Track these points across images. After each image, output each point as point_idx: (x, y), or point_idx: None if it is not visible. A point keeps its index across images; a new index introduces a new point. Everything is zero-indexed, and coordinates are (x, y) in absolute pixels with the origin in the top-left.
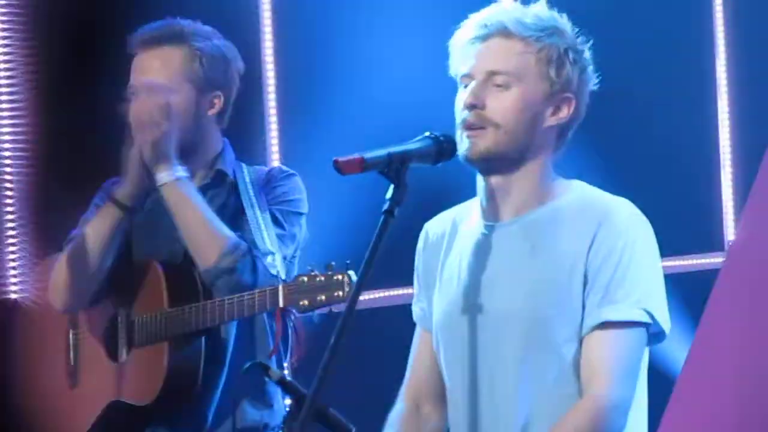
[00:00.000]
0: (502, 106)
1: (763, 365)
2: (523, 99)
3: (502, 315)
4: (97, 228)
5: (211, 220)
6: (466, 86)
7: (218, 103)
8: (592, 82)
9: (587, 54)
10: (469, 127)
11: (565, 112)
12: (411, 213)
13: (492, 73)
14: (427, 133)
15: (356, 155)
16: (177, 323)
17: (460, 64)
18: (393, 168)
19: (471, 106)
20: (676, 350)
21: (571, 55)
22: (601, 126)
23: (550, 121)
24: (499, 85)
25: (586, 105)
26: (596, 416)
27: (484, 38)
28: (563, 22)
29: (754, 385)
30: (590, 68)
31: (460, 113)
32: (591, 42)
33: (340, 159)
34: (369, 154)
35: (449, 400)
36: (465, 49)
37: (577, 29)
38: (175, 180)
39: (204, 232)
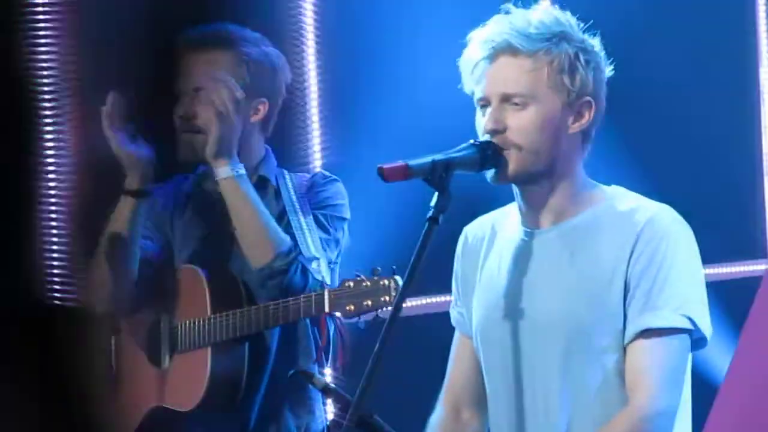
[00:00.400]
0: (521, 126)
1: None
2: (542, 116)
3: (543, 322)
4: (117, 219)
5: (269, 221)
6: (482, 107)
7: (262, 110)
8: (608, 71)
9: (597, 47)
10: None
11: (586, 117)
12: (450, 219)
13: (506, 96)
14: (471, 141)
15: (400, 162)
16: (221, 329)
17: (473, 85)
18: (437, 175)
19: (493, 132)
20: (719, 358)
21: (582, 58)
22: (641, 131)
23: (573, 128)
24: (516, 104)
25: (606, 96)
26: (641, 425)
27: (491, 58)
28: (568, 20)
29: None
30: (603, 62)
31: (482, 137)
32: (598, 33)
33: (384, 166)
34: (413, 162)
35: (490, 405)
36: (475, 70)
37: (582, 24)
38: (236, 176)
39: (261, 232)
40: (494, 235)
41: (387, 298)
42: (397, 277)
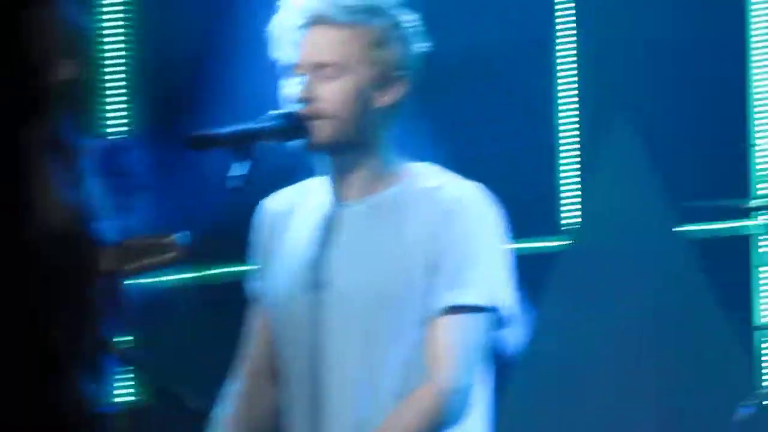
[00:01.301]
0: (332, 96)
1: (589, 341)
2: (353, 88)
3: (344, 296)
4: None
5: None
6: (293, 75)
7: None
8: (422, 48)
9: (415, 23)
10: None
11: (394, 93)
12: (252, 190)
13: (319, 65)
14: (276, 111)
15: (207, 131)
16: None
17: (285, 52)
18: (243, 145)
19: (303, 101)
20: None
21: (395, 33)
22: (447, 108)
23: (381, 102)
24: (327, 74)
25: (419, 73)
26: (439, 401)
27: (306, 26)
28: None
29: (576, 364)
30: (418, 39)
31: (293, 105)
32: (416, 11)
33: (191, 134)
34: (220, 131)
35: (282, 377)
36: (288, 37)
37: None
38: None
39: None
40: (296, 208)
41: (167, 257)
42: (179, 235)
